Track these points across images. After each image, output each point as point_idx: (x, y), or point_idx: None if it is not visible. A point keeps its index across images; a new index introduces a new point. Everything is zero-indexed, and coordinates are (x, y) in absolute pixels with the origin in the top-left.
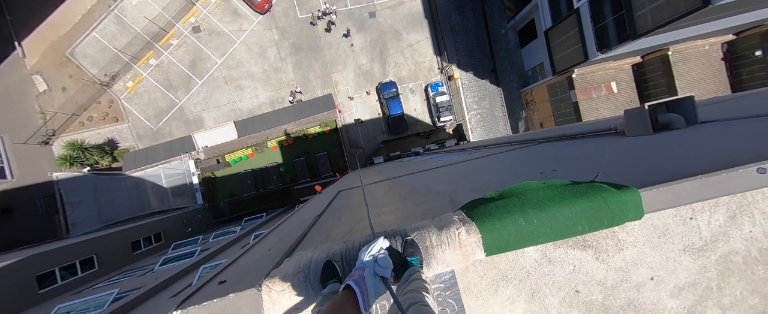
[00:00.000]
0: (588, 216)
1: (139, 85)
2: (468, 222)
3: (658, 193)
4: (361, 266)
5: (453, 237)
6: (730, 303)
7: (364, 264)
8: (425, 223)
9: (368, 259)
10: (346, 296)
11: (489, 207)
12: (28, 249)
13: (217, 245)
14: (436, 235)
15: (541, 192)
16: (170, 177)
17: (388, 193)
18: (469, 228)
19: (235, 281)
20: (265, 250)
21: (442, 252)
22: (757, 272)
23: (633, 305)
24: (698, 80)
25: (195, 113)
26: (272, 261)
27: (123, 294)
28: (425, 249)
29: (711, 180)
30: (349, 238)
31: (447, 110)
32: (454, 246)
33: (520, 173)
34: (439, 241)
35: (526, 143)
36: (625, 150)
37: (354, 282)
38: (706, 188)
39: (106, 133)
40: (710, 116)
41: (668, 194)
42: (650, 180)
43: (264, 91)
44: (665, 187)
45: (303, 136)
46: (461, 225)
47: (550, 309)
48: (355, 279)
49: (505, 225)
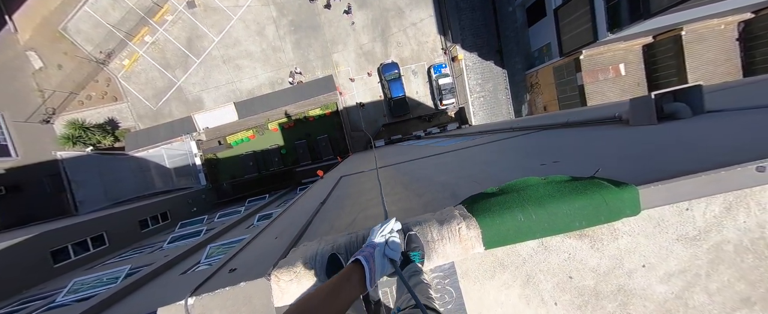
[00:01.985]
0: (586, 212)
1: (135, 64)
2: (468, 217)
3: (656, 191)
4: (372, 244)
5: (454, 231)
6: (717, 288)
7: (375, 244)
8: (427, 217)
9: (380, 240)
10: (353, 269)
11: (489, 202)
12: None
13: (222, 225)
14: (437, 230)
15: (541, 188)
16: (173, 157)
17: (390, 181)
18: (470, 223)
19: (244, 270)
20: (272, 238)
21: (442, 246)
22: (747, 260)
23: (623, 290)
24: (710, 62)
25: (194, 93)
26: (279, 251)
27: (135, 269)
28: (426, 243)
29: (709, 177)
30: (352, 230)
31: (450, 93)
32: (455, 240)
33: (521, 164)
34: (439, 236)
35: (528, 130)
36: (628, 141)
37: (363, 257)
38: (704, 186)
39: (106, 112)
40: (717, 105)
41: (666, 192)
42: (651, 174)
43: (263, 71)
44: (663, 185)
45: (304, 119)
46: (462, 220)
47: (543, 293)
48: (365, 255)
49: (505, 221)
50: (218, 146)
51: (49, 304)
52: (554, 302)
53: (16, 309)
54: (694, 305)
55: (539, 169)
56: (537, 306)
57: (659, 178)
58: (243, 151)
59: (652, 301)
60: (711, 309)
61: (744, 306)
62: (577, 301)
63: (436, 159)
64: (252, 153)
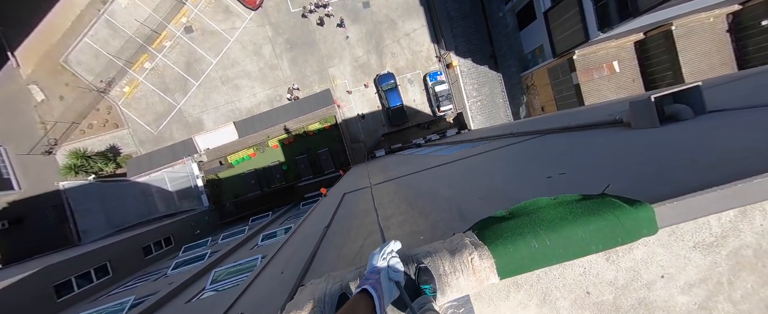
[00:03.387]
0: (602, 235)
1: (135, 90)
2: (480, 245)
3: (672, 208)
4: (375, 270)
5: (466, 263)
6: (741, 296)
7: (378, 269)
8: (437, 247)
9: (382, 264)
10: (360, 299)
11: (500, 228)
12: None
13: (226, 247)
14: (449, 262)
15: (552, 210)
16: (175, 180)
17: (394, 198)
18: (482, 252)
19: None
20: (278, 272)
21: (455, 279)
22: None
23: (644, 303)
24: (703, 54)
25: (194, 115)
26: (286, 288)
27: (139, 299)
28: (439, 277)
29: (727, 191)
30: (359, 259)
31: (447, 99)
32: (468, 272)
33: (525, 177)
34: (452, 268)
35: (529, 135)
36: (632, 147)
37: (371, 286)
38: (722, 200)
39: (107, 139)
40: (718, 104)
41: (683, 208)
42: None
43: (261, 89)
44: (680, 202)
45: (303, 134)
46: (474, 250)
47: (561, 311)
48: (372, 283)
49: (519, 249)
50: (219, 166)
51: None
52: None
53: None
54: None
55: (546, 183)
56: None
57: (673, 192)
58: (244, 170)
59: (676, 313)
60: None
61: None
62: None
63: (439, 170)
64: (253, 171)
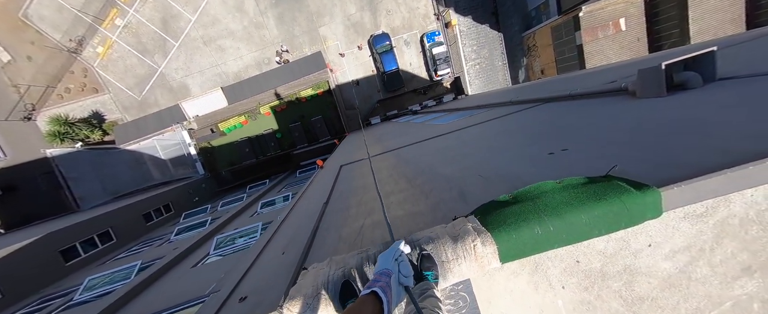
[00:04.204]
0: (606, 220)
1: (110, 51)
2: (483, 232)
3: (679, 192)
4: (386, 272)
5: (469, 250)
6: (720, 260)
7: (389, 270)
8: (439, 232)
9: (393, 267)
10: (367, 300)
11: (504, 213)
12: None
13: (227, 214)
14: (451, 249)
15: (557, 194)
16: (166, 148)
17: (393, 174)
18: (485, 239)
19: (255, 298)
20: (278, 253)
21: (458, 265)
22: (751, 232)
23: (629, 270)
24: (714, 9)
25: (178, 80)
26: (287, 269)
27: (146, 264)
28: (441, 264)
29: (737, 174)
30: (360, 242)
31: (444, 62)
32: (470, 258)
33: (527, 152)
34: (455, 255)
35: (529, 103)
36: (638, 119)
37: (380, 289)
38: (731, 183)
39: (88, 105)
40: (728, 71)
41: (690, 192)
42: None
43: (248, 51)
44: (687, 185)
45: (296, 100)
46: (476, 236)
47: (551, 278)
48: (382, 286)
49: (522, 235)
50: (211, 134)
51: (68, 302)
52: (562, 286)
53: (36, 309)
54: (697, 277)
55: (547, 159)
56: (545, 291)
57: (680, 174)
58: (237, 138)
59: (656, 277)
60: (712, 279)
61: (744, 274)
62: (584, 283)
63: (437, 142)
64: (247, 139)
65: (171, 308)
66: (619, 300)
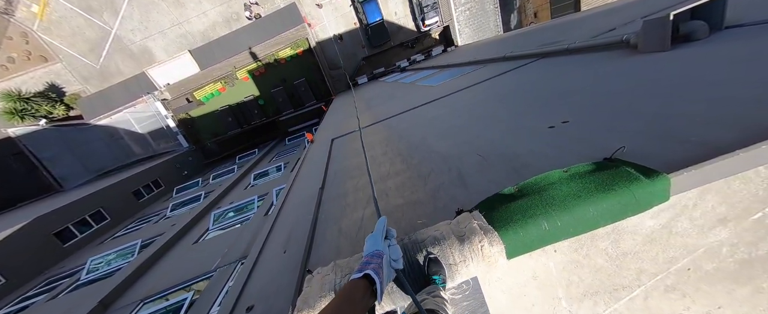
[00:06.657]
0: (614, 210)
1: (48, 11)
2: (490, 231)
3: (689, 177)
4: (378, 253)
5: (476, 250)
6: (700, 214)
7: (380, 251)
8: (444, 232)
9: (383, 248)
10: (359, 284)
11: (510, 209)
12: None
13: (220, 187)
14: (458, 251)
15: (564, 186)
16: (142, 121)
17: (387, 151)
18: (492, 238)
19: (262, 307)
20: (279, 251)
21: (465, 267)
22: (733, 186)
23: (616, 229)
24: None
25: (137, 43)
26: (290, 270)
27: (147, 241)
28: (449, 267)
29: (750, 154)
30: (362, 236)
31: (432, 9)
32: (478, 259)
33: (526, 125)
34: (462, 257)
35: (523, 59)
36: (640, 80)
37: (373, 271)
38: (743, 163)
39: (41, 76)
40: (736, 15)
41: (699, 175)
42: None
43: (211, 4)
44: (697, 169)
45: (275, 62)
46: (483, 236)
47: None
48: (374, 268)
49: (529, 232)
50: (188, 104)
51: (76, 282)
52: (554, 250)
53: (44, 290)
54: (677, 231)
55: (548, 134)
56: (538, 256)
57: (687, 153)
58: (217, 107)
59: (640, 235)
60: (691, 231)
61: (719, 224)
62: (574, 245)
63: (428, 110)
64: (228, 107)
65: (180, 284)
66: (605, 257)
